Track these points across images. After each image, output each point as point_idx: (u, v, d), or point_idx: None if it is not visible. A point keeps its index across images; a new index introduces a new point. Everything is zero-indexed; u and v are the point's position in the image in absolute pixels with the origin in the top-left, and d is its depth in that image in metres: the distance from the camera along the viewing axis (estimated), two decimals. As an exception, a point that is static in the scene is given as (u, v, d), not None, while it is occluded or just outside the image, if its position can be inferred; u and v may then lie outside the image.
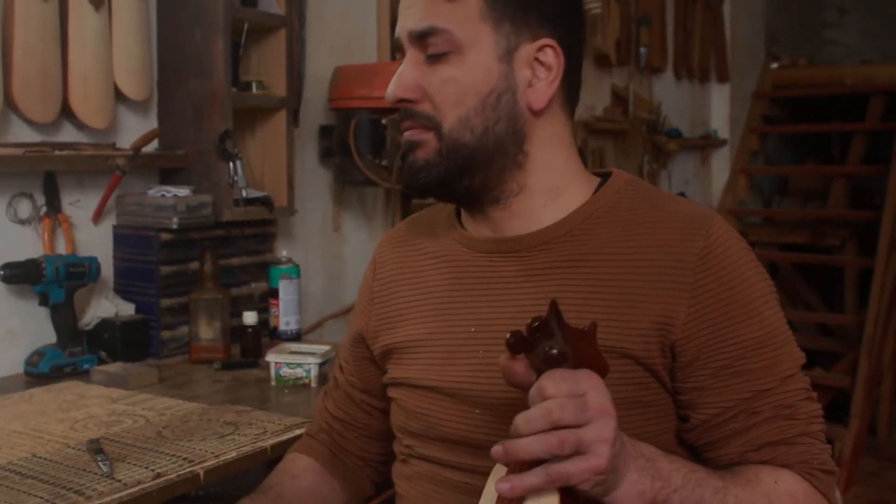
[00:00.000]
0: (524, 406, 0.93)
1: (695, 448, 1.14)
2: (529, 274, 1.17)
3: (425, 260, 1.28)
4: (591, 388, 0.92)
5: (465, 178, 1.17)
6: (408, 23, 1.16)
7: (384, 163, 2.77)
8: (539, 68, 1.16)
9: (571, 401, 0.90)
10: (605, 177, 1.24)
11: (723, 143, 5.48)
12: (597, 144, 4.34)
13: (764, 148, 5.56)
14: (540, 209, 1.19)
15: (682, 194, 4.93)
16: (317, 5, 2.87)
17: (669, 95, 4.99)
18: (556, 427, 0.90)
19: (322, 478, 1.38)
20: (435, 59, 1.14)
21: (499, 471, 0.98)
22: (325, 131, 2.92)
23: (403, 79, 1.16)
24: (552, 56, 1.15)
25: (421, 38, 1.14)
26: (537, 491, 0.92)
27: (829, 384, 4.40)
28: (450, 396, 1.19)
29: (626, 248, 1.13)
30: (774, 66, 5.59)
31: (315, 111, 2.90)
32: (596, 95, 4.43)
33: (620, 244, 1.14)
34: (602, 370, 0.95)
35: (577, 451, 0.90)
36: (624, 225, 1.16)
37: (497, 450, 0.92)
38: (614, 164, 4.45)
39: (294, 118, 2.69)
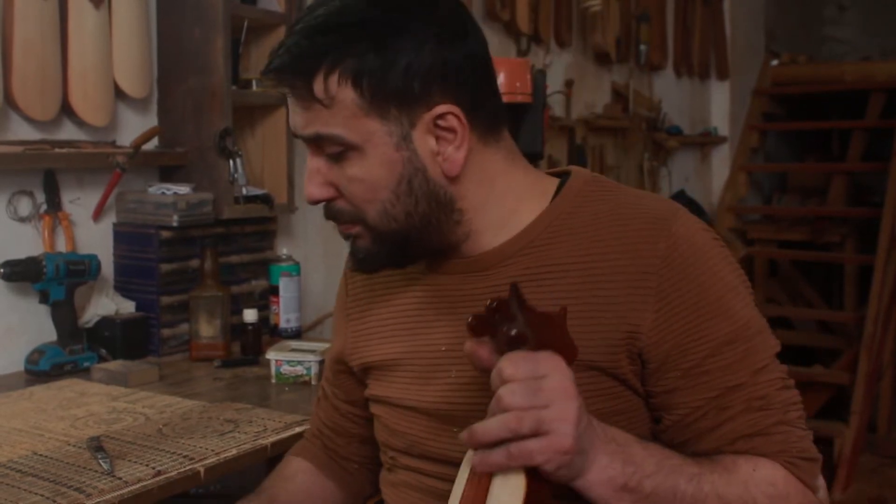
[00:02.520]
0: None
1: (672, 447, 1.12)
2: (495, 290, 1.14)
3: (393, 279, 1.26)
4: (551, 371, 0.92)
5: (408, 253, 1.17)
6: (296, 124, 1.12)
7: (384, 160, 2.77)
8: (443, 133, 1.10)
9: (521, 385, 0.91)
10: (563, 175, 1.21)
11: (723, 140, 5.48)
12: (597, 142, 4.35)
13: (764, 145, 5.56)
14: (493, 238, 1.16)
15: (681, 191, 4.96)
16: (316, 3, 2.87)
17: (669, 92, 4.99)
18: (508, 411, 0.91)
19: (316, 479, 1.38)
20: (336, 157, 1.11)
21: (470, 455, 0.99)
22: (324, 129, 2.91)
23: (315, 181, 1.13)
24: (453, 120, 1.10)
25: (313, 141, 1.11)
26: (502, 469, 0.93)
27: (829, 381, 4.40)
28: (428, 416, 1.19)
29: (588, 256, 1.11)
30: (774, 63, 5.59)
31: (315, 109, 2.89)
32: (596, 93, 4.43)
33: (583, 253, 1.12)
34: (569, 354, 0.95)
35: (538, 430, 0.91)
36: (585, 232, 1.13)
37: (464, 435, 0.94)
38: (614, 161, 4.45)
39: (294, 116, 2.69)
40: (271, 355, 2.06)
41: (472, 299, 1.16)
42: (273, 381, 2.04)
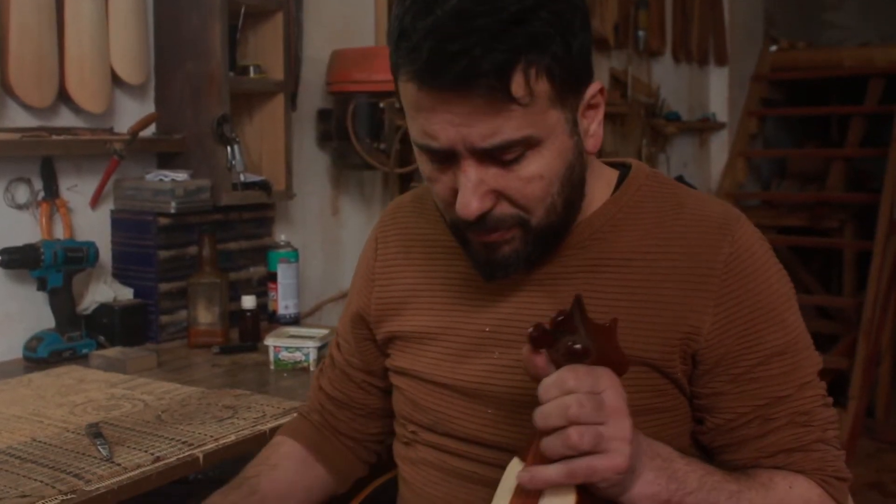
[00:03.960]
0: (538, 406, 0.93)
1: (709, 450, 1.14)
2: (550, 277, 1.14)
3: (435, 249, 1.24)
4: (609, 387, 0.91)
5: (553, 248, 1.12)
6: (469, 139, 0.99)
7: (382, 146, 2.77)
8: (590, 111, 1.08)
9: (589, 398, 0.90)
10: (621, 167, 1.20)
11: (721, 126, 5.48)
12: (595, 128, 4.33)
13: (762, 131, 5.55)
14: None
15: (680, 177, 4.96)
16: (314, -12, 2.86)
17: (668, 78, 4.98)
18: (572, 423, 0.90)
19: (304, 465, 1.35)
20: (512, 161, 1.02)
21: (516, 464, 0.98)
22: (322, 115, 2.91)
23: (480, 191, 1.02)
24: (600, 96, 1.08)
25: (490, 152, 1.01)
26: (557, 485, 0.92)
27: (828, 366, 4.37)
28: (462, 395, 1.18)
29: (651, 252, 1.11)
30: (773, 48, 5.58)
31: (313, 95, 2.89)
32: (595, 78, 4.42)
33: (645, 248, 1.11)
34: (622, 367, 0.95)
35: (596, 448, 0.90)
36: (649, 227, 1.12)
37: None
38: (613, 147, 4.45)
39: (292, 102, 2.69)
40: (270, 342, 2.06)
41: (524, 283, 1.15)
42: (271, 367, 2.05)
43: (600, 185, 1.16)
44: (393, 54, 1.03)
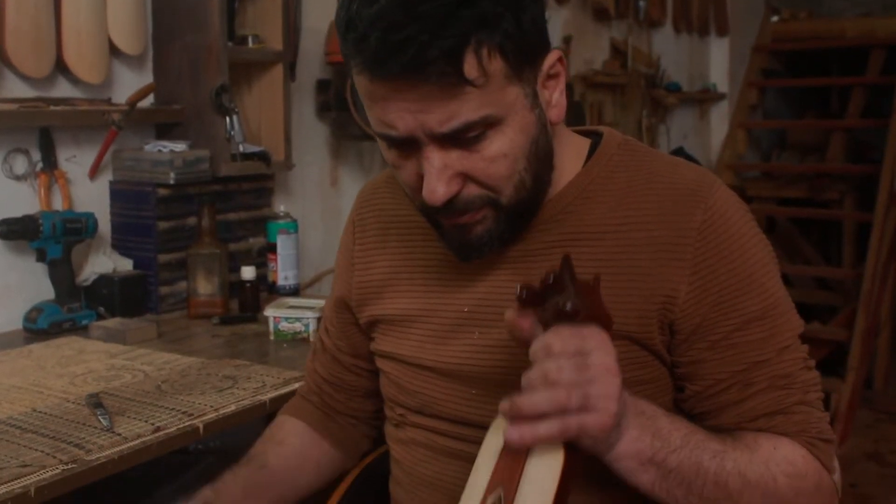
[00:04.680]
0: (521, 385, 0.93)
1: (691, 417, 1.13)
2: (527, 254, 1.13)
3: (412, 231, 1.23)
4: (596, 347, 0.91)
5: (526, 223, 1.12)
6: (427, 125, 0.99)
7: (381, 117, 2.75)
8: (550, 81, 1.07)
9: (569, 361, 0.89)
10: (593, 135, 1.19)
11: (722, 96, 5.46)
12: (595, 98, 4.32)
13: (763, 102, 5.53)
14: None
15: (680, 148, 4.95)
16: (312, -42, 2.84)
17: (668, 49, 4.95)
18: (556, 385, 0.89)
19: (310, 440, 1.36)
20: (472, 141, 1.01)
21: (499, 425, 0.97)
22: (322, 85, 2.90)
23: (445, 176, 1.02)
24: (559, 65, 1.07)
25: (450, 136, 1.00)
26: (547, 441, 0.91)
27: (827, 338, 4.41)
28: (446, 377, 1.18)
29: (624, 224, 1.10)
30: (774, 19, 5.54)
31: (312, 65, 2.88)
32: (595, 49, 4.40)
33: (618, 220, 1.10)
34: (608, 322, 0.94)
35: (584, 406, 0.89)
36: (621, 198, 1.12)
37: (504, 405, 0.91)
38: (613, 117, 4.43)
39: (291, 72, 2.67)
40: (269, 312, 2.06)
41: (501, 261, 1.14)
42: (271, 337, 2.05)
43: (571, 155, 1.15)
44: (342, 44, 1.02)
